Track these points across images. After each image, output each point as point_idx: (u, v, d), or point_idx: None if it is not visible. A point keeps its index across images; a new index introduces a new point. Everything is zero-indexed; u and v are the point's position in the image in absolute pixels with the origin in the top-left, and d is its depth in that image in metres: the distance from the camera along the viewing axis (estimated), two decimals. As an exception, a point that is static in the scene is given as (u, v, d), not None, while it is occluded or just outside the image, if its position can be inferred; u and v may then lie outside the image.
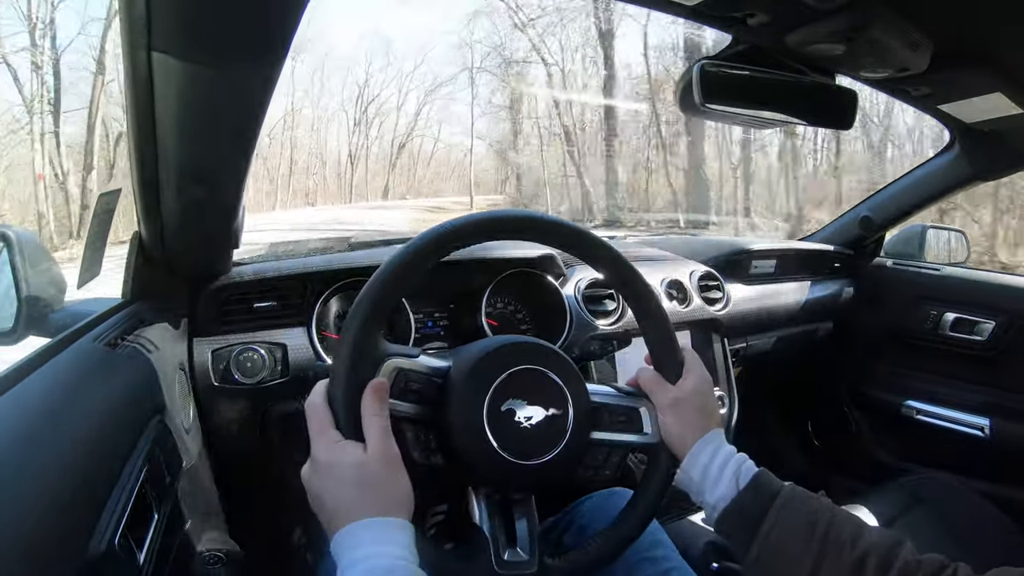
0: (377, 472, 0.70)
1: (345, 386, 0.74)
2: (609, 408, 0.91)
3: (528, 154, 19.72)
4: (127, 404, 0.88)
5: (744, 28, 0.98)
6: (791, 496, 0.80)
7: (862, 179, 12.95)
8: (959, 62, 1.13)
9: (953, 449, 2.02)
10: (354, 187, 23.64)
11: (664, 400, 0.90)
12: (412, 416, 0.81)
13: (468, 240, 0.82)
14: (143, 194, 0.91)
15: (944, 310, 2.07)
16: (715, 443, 0.86)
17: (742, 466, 0.83)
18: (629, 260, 0.91)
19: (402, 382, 0.81)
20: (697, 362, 0.93)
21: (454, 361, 0.85)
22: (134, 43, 0.62)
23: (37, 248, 1.08)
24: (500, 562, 0.82)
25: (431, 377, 0.83)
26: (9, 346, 1.05)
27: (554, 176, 18.57)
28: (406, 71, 24.43)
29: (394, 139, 24.44)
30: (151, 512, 0.83)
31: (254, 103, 0.75)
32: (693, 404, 0.89)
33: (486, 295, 1.47)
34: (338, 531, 0.67)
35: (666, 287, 1.76)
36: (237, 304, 1.31)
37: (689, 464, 0.86)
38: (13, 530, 0.56)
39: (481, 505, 0.85)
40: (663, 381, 0.91)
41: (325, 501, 0.70)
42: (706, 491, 0.84)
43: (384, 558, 0.65)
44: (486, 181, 24.61)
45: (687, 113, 1.09)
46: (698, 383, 0.91)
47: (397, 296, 0.81)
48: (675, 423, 0.89)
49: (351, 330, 0.76)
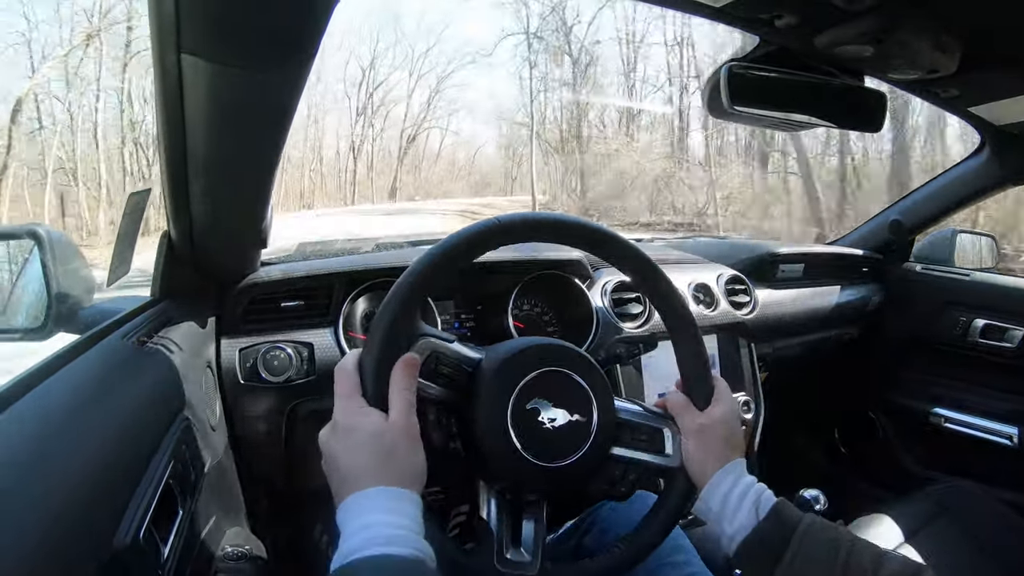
0: (395, 442, 0.70)
1: (378, 355, 0.75)
2: (632, 425, 0.90)
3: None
4: (154, 401, 0.89)
5: (772, 29, 0.97)
6: (811, 526, 0.79)
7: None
8: (989, 63, 1.12)
9: (981, 458, 1.98)
10: (357, 186, 21.44)
11: (690, 425, 0.89)
12: (438, 399, 0.82)
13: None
14: (172, 194, 0.92)
15: (973, 316, 2.03)
16: (736, 473, 0.85)
17: (761, 496, 0.82)
18: (670, 280, 0.91)
19: (433, 363, 0.81)
20: (727, 392, 0.92)
21: (487, 354, 0.85)
22: (163, 45, 0.62)
23: (67, 246, 1.10)
24: (501, 559, 0.82)
25: (462, 365, 0.83)
26: (39, 342, 1.06)
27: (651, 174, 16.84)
28: (419, 51, 22.38)
29: (403, 130, 22.30)
30: (176, 508, 0.84)
31: (282, 103, 0.75)
32: (719, 433, 0.88)
33: (513, 297, 1.47)
34: (348, 496, 0.67)
35: (693, 290, 1.75)
36: (265, 303, 1.32)
37: (709, 493, 0.85)
38: (40, 523, 0.57)
39: (491, 500, 0.85)
40: (691, 406, 0.90)
41: (339, 465, 0.70)
42: (725, 521, 0.83)
43: (388, 527, 0.64)
44: (495, 181, 23.42)
45: (715, 115, 1.09)
46: (726, 413, 0.90)
47: (445, 271, 0.81)
48: (698, 449, 0.88)
49: (392, 304, 0.77)
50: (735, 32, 1.06)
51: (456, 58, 23.48)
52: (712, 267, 1.90)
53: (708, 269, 1.87)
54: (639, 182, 17.19)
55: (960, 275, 2.13)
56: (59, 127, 15.63)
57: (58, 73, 15.41)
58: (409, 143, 22.69)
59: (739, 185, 15.99)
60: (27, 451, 0.64)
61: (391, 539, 0.64)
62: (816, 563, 0.76)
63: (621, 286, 1.64)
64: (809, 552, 0.77)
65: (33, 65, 15.60)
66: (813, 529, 0.78)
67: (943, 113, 1.10)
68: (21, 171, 15.13)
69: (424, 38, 24.13)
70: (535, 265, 1.53)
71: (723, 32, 13.44)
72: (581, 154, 18.56)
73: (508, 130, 23.24)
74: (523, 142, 21.88)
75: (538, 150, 20.18)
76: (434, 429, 0.81)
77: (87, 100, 16.14)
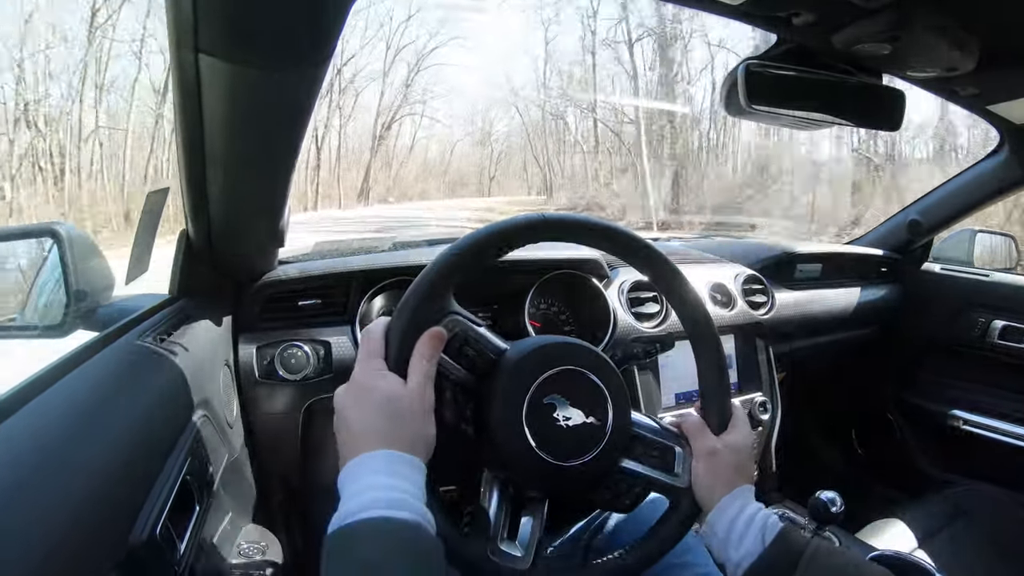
0: (409, 408, 0.71)
1: (407, 323, 0.75)
2: (646, 440, 0.90)
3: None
4: (171, 398, 0.90)
5: (789, 27, 0.97)
6: (818, 550, 0.79)
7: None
8: (1008, 61, 1.10)
9: (999, 461, 1.96)
10: (320, 185, 18.36)
11: (702, 448, 0.89)
12: (458, 379, 0.82)
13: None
14: (190, 193, 0.93)
15: (992, 318, 2.02)
16: (743, 499, 0.85)
17: (768, 522, 0.82)
18: (700, 299, 0.92)
19: (460, 343, 0.81)
20: (744, 421, 0.92)
21: (513, 345, 0.85)
22: (181, 45, 0.63)
23: (86, 244, 1.11)
24: (495, 549, 0.81)
25: (487, 351, 0.83)
26: (58, 340, 1.07)
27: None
28: (399, 18, 18.64)
29: (377, 118, 19.04)
30: (192, 505, 0.85)
31: (300, 103, 0.76)
32: (730, 459, 0.88)
33: (530, 296, 1.48)
34: (354, 456, 0.67)
35: (710, 290, 1.75)
36: (282, 302, 1.33)
37: (715, 518, 0.85)
38: (58, 519, 0.58)
39: (494, 490, 0.85)
40: (706, 429, 0.90)
41: (351, 423, 0.70)
42: (731, 547, 0.83)
43: (392, 491, 0.64)
44: (470, 181, 21.01)
45: (732, 114, 1.08)
46: (741, 440, 0.90)
47: (487, 256, 0.82)
48: (707, 473, 0.87)
49: (431, 274, 0.78)
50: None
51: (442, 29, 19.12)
52: (730, 267, 1.90)
53: (726, 269, 1.87)
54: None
55: (979, 276, 2.11)
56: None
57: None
58: (385, 131, 19.66)
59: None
60: (45, 448, 0.64)
61: (392, 502, 0.63)
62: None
63: (638, 285, 1.64)
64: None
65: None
66: (819, 554, 0.78)
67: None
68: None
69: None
70: (552, 264, 1.53)
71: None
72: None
73: (521, 116, 20.95)
74: (536, 132, 19.98)
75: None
76: (448, 408, 0.81)
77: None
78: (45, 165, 13.02)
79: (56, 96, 13.51)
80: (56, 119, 13.51)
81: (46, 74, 13.33)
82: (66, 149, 13.36)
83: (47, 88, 13.46)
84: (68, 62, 13.53)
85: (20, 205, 12.29)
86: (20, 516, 0.55)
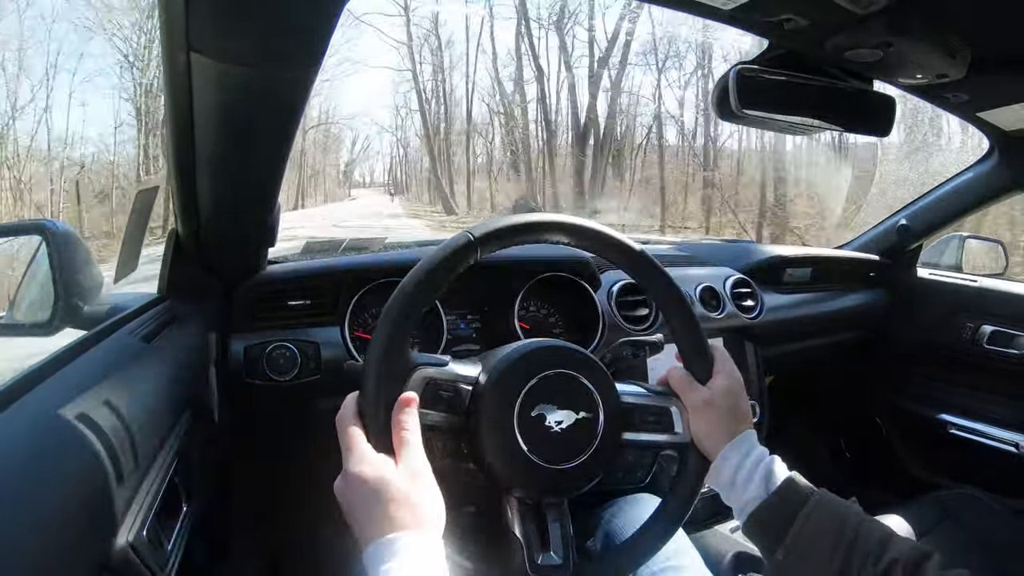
0: (406, 488, 0.70)
1: (374, 402, 0.74)
2: (640, 408, 0.90)
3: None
4: (160, 398, 0.89)
5: (781, 33, 0.97)
6: (821, 500, 0.79)
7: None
8: (997, 68, 1.11)
9: (986, 465, 1.97)
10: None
11: (694, 402, 0.88)
12: (442, 425, 0.81)
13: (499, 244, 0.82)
14: (180, 192, 0.93)
15: (981, 323, 2.02)
16: (746, 445, 0.85)
17: (773, 469, 0.82)
18: (656, 260, 0.90)
19: (432, 391, 0.80)
20: (727, 361, 0.91)
21: (483, 367, 0.85)
22: (172, 43, 0.63)
23: (75, 241, 1.10)
24: (533, 566, 0.81)
25: (460, 384, 0.82)
26: (45, 338, 1.07)
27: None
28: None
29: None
30: (180, 505, 0.85)
31: (291, 103, 0.76)
32: (724, 405, 0.87)
33: (519, 298, 1.48)
34: (369, 544, 0.67)
35: (699, 293, 1.74)
36: (271, 301, 1.32)
37: (720, 466, 0.85)
38: (45, 518, 0.57)
39: (514, 509, 0.85)
40: (693, 382, 0.90)
41: (357, 515, 0.70)
42: (736, 493, 0.83)
43: (409, 573, 0.65)
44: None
45: (724, 119, 1.08)
46: (729, 383, 0.89)
47: (425, 304, 0.80)
48: (705, 425, 0.87)
49: (377, 347, 0.76)
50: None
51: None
52: (719, 270, 1.89)
53: (715, 272, 1.87)
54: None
55: (968, 281, 2.12)
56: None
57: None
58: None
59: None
60: (33, 446, 0.64)
61: None
62: (822, 539, 0.76)
63: (628, 289, 1.63)
64: (816, 527, 0.77)
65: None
66: (822, 505, 0.79)
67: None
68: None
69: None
70: (542, 266, 1.53)
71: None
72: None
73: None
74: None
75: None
76: (446, 456, 0.81)
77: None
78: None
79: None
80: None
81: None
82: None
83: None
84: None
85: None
86: (3, 517, 0.55)
